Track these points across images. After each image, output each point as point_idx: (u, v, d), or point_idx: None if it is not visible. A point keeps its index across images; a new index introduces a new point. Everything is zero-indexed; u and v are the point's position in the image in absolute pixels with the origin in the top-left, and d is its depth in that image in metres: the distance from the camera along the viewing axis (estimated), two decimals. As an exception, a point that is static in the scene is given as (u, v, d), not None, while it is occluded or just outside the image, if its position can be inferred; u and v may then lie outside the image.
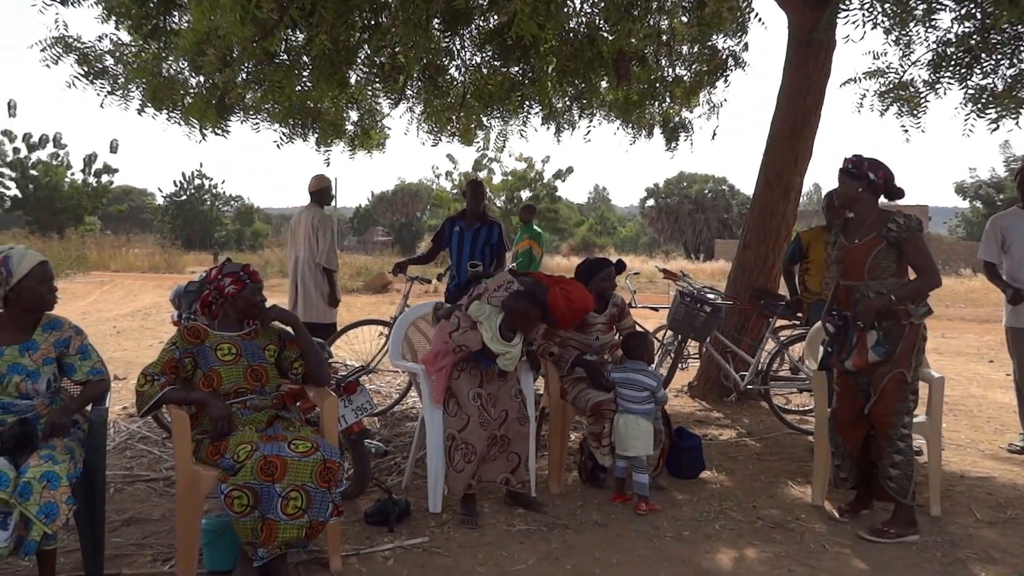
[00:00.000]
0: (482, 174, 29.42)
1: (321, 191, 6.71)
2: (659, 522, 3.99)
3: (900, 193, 3.98)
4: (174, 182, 47.70)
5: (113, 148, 33.55)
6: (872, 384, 3.92)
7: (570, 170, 34.92)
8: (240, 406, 3.34)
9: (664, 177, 59.87)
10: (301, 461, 3.04)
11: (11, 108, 30.15)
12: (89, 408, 3.19)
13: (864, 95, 5.53)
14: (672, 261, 33.38)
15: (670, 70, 6.78)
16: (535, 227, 10.51)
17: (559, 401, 4.55)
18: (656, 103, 7.09)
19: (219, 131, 6.14)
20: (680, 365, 6.94)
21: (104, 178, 34.53)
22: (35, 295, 3.09)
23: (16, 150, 31.96)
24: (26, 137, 32.04)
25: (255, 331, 3.53)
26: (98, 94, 5.99)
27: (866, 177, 3.93)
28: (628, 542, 3.73)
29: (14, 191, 32.37)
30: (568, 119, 7.26)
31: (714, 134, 7.48)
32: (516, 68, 6.21)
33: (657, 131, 7.51)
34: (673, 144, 7.45)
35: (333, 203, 6.92)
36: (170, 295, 5.06)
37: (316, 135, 6.81)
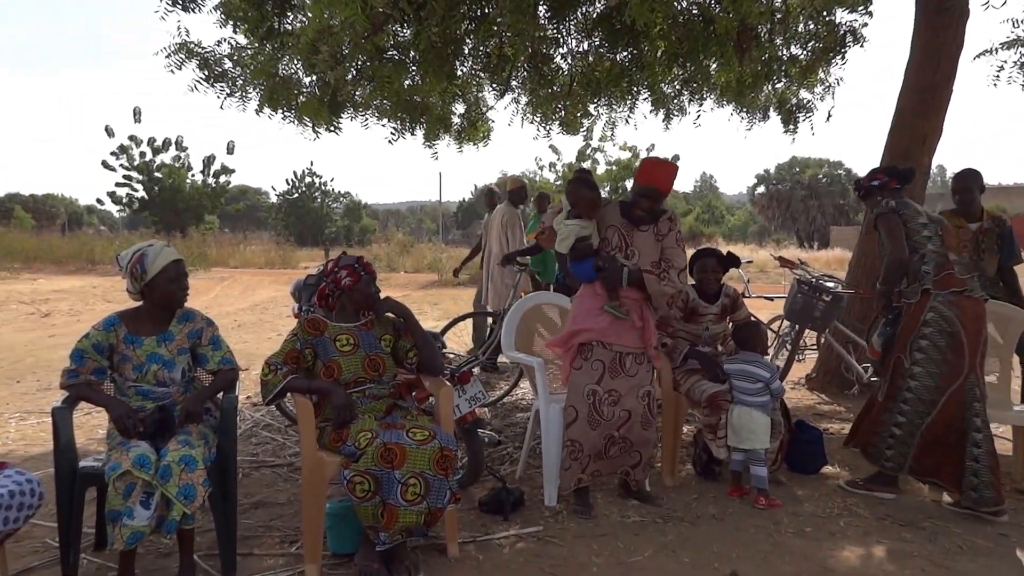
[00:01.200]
0: (586, 164, 29.23)
1: (516, 191, 7.17)
2: (779, 517, 3.84)
3: (908, 173, 4.31)
4: (286, 180, 49.54)
5: (230, 149, 35.24)
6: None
7: (676, 158, 34.14)
8: (359, 395, 3.42)
9: (775, 162, 57.91)
10: (419, 449, 3.08)
11: (136, 115, 32.10)
12: (220, 396, 3.34)
13: (1002, 67, 5.15)
14: (784, 250, 32.25)
15: (785, 49, 6.50)
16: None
17: (672, 393, 4.45)
18: (770, 84, 6.81)
19: (331, 128, 6.33)
20: (797, 357, 6.68)
21: (222, 178, 36.16)
22: (166, 292, 3.25)
23: (142, 154, 33.88)
24: (150, 141, 33.87)
25: (370, 322, 3.61)
26: (218, 97, 6.23)
27: (873, 189, 4.27)
28: (747, 536, 3.61)
29: (141, 193, 34.38)
30: (677, 105, 7.09)
31: (829, 115, 7.14)
32: (624, 53, 6.10)
33: (773, 113, 7.23)
34: (791, 126, 7.14)
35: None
36: (290, 288, 5.25)
37: (424, 129, 6.91)
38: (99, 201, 38.08)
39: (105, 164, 33.21)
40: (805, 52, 6.59)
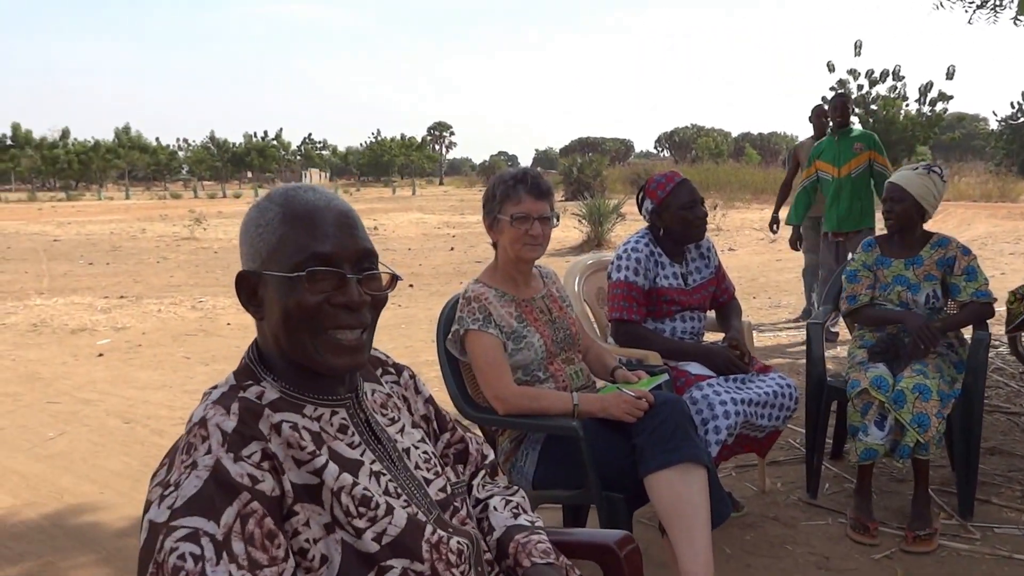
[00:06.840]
0: None
1: None
2: None
3: None
4: (1011, 104, 42.93)
5: (949, 74, 32.27)
6: None
7: None
8: None
9: None
10: None
11: (857, 48, 31.95)
12: (970, 331, 3.14)
13: None
14: None
15: None
16: (861, 130, 6.03)
17: None
18: None
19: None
20: None
21: (938, 106, 33.73)
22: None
23: (860, 87, 33.74)
24: (868, 73, 33.51)
25: None
26: (965, 11, 6.00)
27: None
28: None
29: (857, 126, 34.47)
30: None
31: None
32: None
33: None
34: None
35: None
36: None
37: None
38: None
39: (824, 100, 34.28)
40: None
